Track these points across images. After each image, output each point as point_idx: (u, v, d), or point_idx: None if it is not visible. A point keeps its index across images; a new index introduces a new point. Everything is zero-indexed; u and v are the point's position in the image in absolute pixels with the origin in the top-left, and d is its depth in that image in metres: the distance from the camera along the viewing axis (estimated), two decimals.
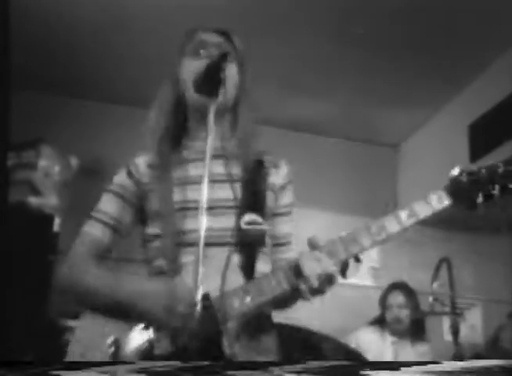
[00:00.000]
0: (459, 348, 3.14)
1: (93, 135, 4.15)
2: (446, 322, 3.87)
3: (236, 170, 1.64)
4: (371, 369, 1.35)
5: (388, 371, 1.34)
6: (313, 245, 1.52)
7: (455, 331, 3.25)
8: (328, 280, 1.49)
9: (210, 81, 1.40)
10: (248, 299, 1.44)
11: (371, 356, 3.18)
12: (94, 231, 1.65)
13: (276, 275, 1.48)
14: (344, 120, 4.57)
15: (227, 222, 1.56)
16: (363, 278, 4.55)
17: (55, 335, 2.25)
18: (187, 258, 1.50)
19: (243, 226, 1.54)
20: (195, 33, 1.69)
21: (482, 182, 1.46)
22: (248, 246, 1.57)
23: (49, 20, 3.45)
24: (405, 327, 3.41)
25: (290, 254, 1.72)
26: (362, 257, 4.60)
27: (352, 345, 2.99)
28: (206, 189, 1.32)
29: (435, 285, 3.03)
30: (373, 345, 3.38)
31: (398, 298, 3.44)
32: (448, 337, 3.66)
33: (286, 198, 1.76)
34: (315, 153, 4.76)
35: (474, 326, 4.60)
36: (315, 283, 1.44)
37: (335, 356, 2.60)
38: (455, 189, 1.51)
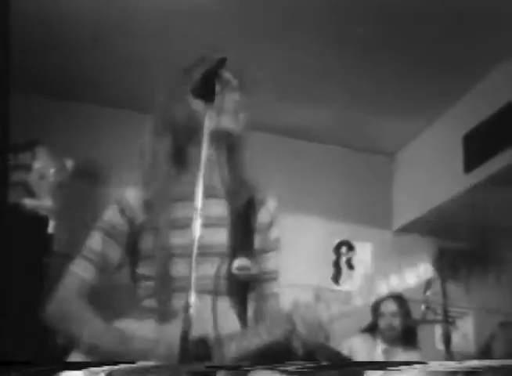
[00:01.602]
0: (451, 356, 3.16)
1: (89, 137, 4.14)
2: (438, 330, 3.89)
3: (226, 212, 1.63)
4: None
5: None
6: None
7: (446, 340, 3.27)
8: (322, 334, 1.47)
9: (207, 85, 1.39)
10: (246, 344, 1.45)
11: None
12: (81, 271, 1.60)
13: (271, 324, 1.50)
14: (340, 127, 4.59)
15: (216, 268, 1.55)
16: (356, 285, 4.56)
17: (49, 336, 2.24)
18: (179, 302, 1.43)
19: (234, 271, 1.55)
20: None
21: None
22: (239, 291, 1.59)
23: (48, 22, 3.45)
24: (397, 334, 3.42)
25: (274, 290, 1.77)
26: (355, 264, 4.66)
27: (345, 352, 2.99)
28: (198, 232, 1.28)
29: (428, 293, 3.05)
30: (365, 352, 3.39)
31: (390, 306, 3.44)
32: (440, 345, 3.68)
33: (274, 234, 1.79)
34: (311, 159, 4.78)
35: (465, 335, 4.62)
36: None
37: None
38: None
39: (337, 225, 4.65)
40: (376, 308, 3.48)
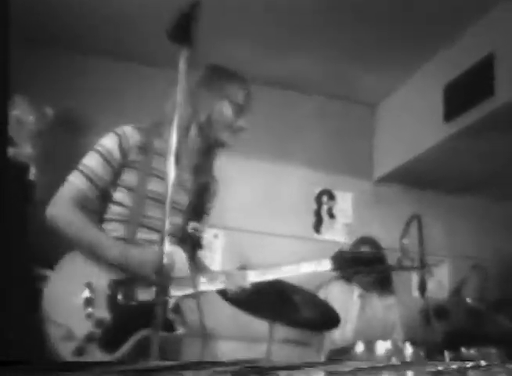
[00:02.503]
0: (426, 302, 3.26)
1: (69, 86, 4.10)
2: (415, 278, 3.99)
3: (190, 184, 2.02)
4: None
5: None
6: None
7: (422, 286, 3.36)
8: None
9: (183, 28, 1.44)
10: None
11: (338, 308, 3.28)
12: (79, 183, 1.88)
13: None
14: (322, 77, 4.56)
15: (177, 220, 1.95)
16: (337, 234, 4.64)
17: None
18: (143, 236, 1.89)
19: (189, 230, 1.96)
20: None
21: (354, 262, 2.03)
22: (190, 245, 1.95)
23: None
24: (373, 280, 3.51)
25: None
26: (336, 213, 4.74)
27: (322, 297, 3.07)
28: (170, 186, 1.51)
29: (404, 241, 3.11)
30: (341, 297, 3.48)
31: None
32: (416, 292, 3.79)
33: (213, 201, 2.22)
34: (293, 109, 4.78)
35: (441, 281, 4.75)
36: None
37: (306, 307, 2.67)
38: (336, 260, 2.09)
39: (318, 174, 4.70)
40: None
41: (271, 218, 4.53)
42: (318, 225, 4.62)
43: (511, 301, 3.73)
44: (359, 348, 2.33)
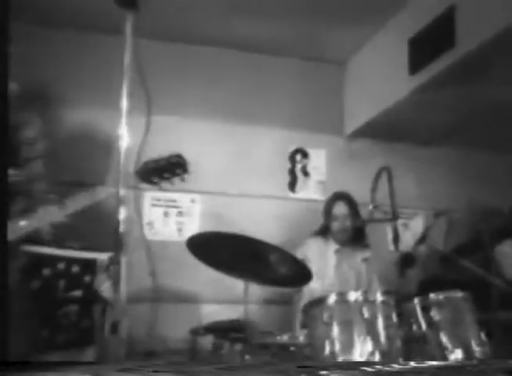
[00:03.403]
0: (399, 253, 3.35)
1: (36, 60, 4.05)
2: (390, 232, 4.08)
3: None
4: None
5: None
6: None
7: (395, 238, 3.45)
8: None
9: None
10: None
11: (316, 265, 3.38)
12: None
13: None
14: (291, 38, 4.55)
15: None
16: (312, 192, 4.71)
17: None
18: None
19: None
20: None
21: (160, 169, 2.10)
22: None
23: None
24: (349, 235, 3.60)
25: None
26: (310, 171, 4.81)
27: (299, 256, 3.15)
28: None
29: (375, 193, 3.17)
30: (319, 253, 3.57)
31: (342, 209, 3.58)
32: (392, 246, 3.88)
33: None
34: (263, 71, 4.78)
35: (415, 234, 4.85)
36: None
37: (283, 266, 2.75)
38: (140, 172, 2.10)
39: (291, 133, 4.73)
40: (327, 210, 3.64)
41: (246, 180, 4.58)
42: (293, 184, 4.68)
43: (476, 247, 3.86)
44: (332, 299, 2.42)
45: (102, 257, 3.30)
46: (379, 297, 2.43)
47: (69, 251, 3.13)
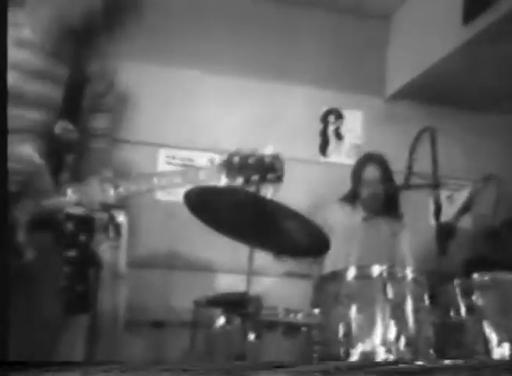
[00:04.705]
0: (439, 226, 2.90)
1: None
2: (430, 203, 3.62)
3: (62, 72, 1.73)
4: None
5: None
6: None
7: (437, 209, 2.99)
8: None
9: None
10: None
11: (340, 234, 2.95)
12: None
13: None
14: None
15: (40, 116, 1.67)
16: (345, 156, 4.28)
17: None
18: None
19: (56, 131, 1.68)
20: None
21: (245, 168, 1.62)
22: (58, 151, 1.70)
23: None
24: (380, 203, 3.15)
25: (101, 145, 1.88)
26: (344, 133, 4.22)
27: (319, 221, 2.72)
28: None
29: (413, 157, 2.72)
30: (343, 221, 3.14)
31: (374, 172, 3.13)
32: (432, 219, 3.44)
33: (108, 99, 1.88)
34: (297, 25, 4.33)
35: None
36: None
37: (296, 233, 2.36)
38: (224, 166, 1.64)
39: (324, 92, 4.28)
40: (357, 174, 3.20)
41: (273, 141, 4.16)
42: (324, 147, 4.25)
43: None
44: (350, 273, 2.01)
45: (101, 214, 3.01)
46: (409, 274, 2.01)
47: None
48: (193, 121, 4.08)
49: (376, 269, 2.01)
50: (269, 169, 1.63)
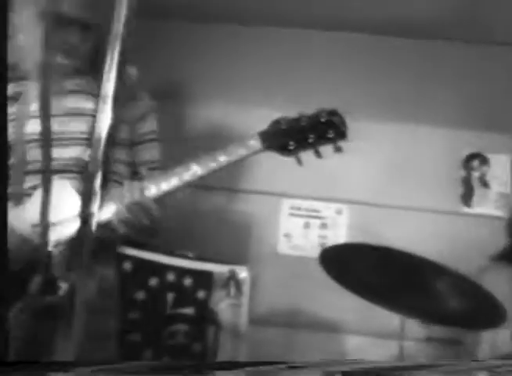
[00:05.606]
0: None
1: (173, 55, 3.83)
2: None
3: (91, 103, 1.81)
4: None
5: None
6: None
7: None
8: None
9: None
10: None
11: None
12: None
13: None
14: (455, 20, 3.64)
15: (74, 152, 1.73)
16: (492, 207, 3.78)
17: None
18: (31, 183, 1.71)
19: None
20: None
21: (298, 130, 1.46)
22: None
23: None
24: None
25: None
26: (490, 181, 3.61)
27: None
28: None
29: None
30: (501, 285, 2.63)
31: None
32: None
33: (147, 127, 1.93)
34: (426, 56, 3.93)
35: None
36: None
37: (454, 293, 1.96)
38: (269, 135, 1.50)
39: (466, 134, 3.83)
40: None
41: (406, 190, 3.78)
42: (467, 197, 3.78)
43: None
44: None
45: (221, 269, 2.78)
46: None
47: (180, 260, 2.68)
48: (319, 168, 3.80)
49: None
50: (328, 126, 1.44)
